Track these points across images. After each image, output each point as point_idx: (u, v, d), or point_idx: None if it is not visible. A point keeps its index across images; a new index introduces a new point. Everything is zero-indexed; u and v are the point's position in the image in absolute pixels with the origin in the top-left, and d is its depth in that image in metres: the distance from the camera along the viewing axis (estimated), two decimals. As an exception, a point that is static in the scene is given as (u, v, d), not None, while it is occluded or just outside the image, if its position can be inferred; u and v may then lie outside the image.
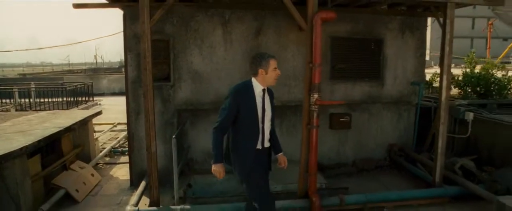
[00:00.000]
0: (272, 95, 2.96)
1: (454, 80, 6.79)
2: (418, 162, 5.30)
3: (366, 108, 5.56)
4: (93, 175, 5.16)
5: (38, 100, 11.19)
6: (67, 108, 10.42)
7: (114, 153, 6.65)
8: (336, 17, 3.83)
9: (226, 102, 2.79)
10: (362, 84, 5.44)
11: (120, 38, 4.91)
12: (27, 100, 11.19)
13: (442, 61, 4.30)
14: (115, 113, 11.03)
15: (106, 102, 14.46)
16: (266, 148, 2.98)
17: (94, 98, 13.60)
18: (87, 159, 5.68)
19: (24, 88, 12.08)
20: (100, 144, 6.98)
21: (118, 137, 7.92)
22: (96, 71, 31.17)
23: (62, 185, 4.42)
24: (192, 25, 4.87)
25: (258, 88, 2.83)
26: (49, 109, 9.62)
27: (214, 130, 2.79)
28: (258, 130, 2.84)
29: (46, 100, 10.69)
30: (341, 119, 5.36)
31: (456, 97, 6.84)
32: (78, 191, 4.53)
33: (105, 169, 5.87)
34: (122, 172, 5.67)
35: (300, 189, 4.02)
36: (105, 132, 8.58)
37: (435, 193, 4.38)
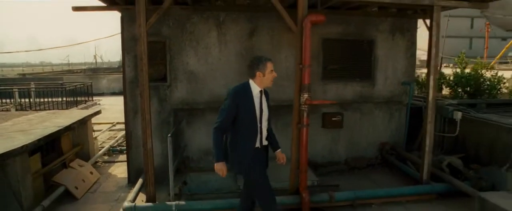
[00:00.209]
0: (268, 96, 3.12)
1: (446, 80, 6.93)
2: (408, 161, 5.44)
3: (358, 107, 5.71)
4: (92, 173, 5.31)
5: (38, 100, 11.34)
6: (67, 108, 10.57)
7: (113, 151, 6.79)
8: (325, 20, 3.96)
9: (225, 103, 2.93)
10: (354, 84, 5.59)
11: (119, 38, 5.05)
12: (27, 100, 11.34)
13: (429, 62, 4.44)
14: (114, 113, 11.17)
15: (105, 102, 14.61)
16: (264, 146, 3.13)
17: (94, 98, 13.75)
18: (86, 157, 5.82)
19: (24, 88, 12.23)
20: (99, 143, 7.12)
21: (116, 136, 8.07)
22: (95, 71, 31.29)
23: (61, 182, 4.57)
24: (188, 27, 5.01)
25: (255, 89, 2.98)
26: (48, 109, 9.76)
27: (214, 130, 2.92)
28: (257, 130, 2.99)
29: (46, 100, 10.84)
30: (333, 118, 5.50)
31: (447, 97, 6.99)
32: (77, 188, 4.68)
33: (103, 167, 6.02)
34: (120, 170, 5.82)
35: (291, 185, 4.17)
36: (104, 131, 8.73)
37: (422, 190, 4.53)
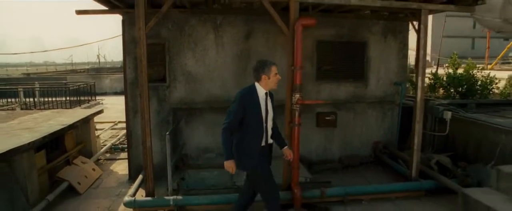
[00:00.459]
0: (272, 97, 3.32)
1: (439, 80, 7.09)
2: (400, 159, 5.61)
3: (351, 107, 5.88)
4: (94, 169, 5.52)
5: (42, 99, 11.60)
6: (70, 107, 10.81)
7: (114, 149, 7.02)
8: (316, 23, 4.15)
9: (233, 105, 3.12)
10: (347, 84, 5.77)
11: (121, 39, 5.26)
12: (32, 99, 11.60)
13: (418, 64, 4.62)
14: (116, 112, 11.40)
15: (108, 102, 14.86)
16: (269, 144, 3.33)
17: (97, 98, 13.99)
18: (89, 155, 6.04)
19: (28, 87, 12.49)
20: (101, 141, 7.35)
21: (118, 135, 8.29)
22: (99, 71, 31.56)
23: (65, 178, 4.79)
24: (186, 30, 5.21)
25: (261, 92, 3.18)
26: (52, 108, 10.01)
27: (223, 131, 3.11)
28: (263, 129, 3.19)
29: (50, 99, 11.09)
30: (327, 117, 5.69)
31: (441, 97, 7.14)
32: (80, 183, 4.89)
33: (105, 164, 6.24)
34: (121, 167, 6.03)
35: (283, 181, 4.36)
36: (106, 130, 8.96)
37: (411, 187, 4.70)
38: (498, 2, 5.16)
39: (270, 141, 3.32)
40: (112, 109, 12.32)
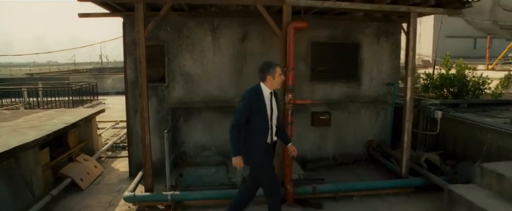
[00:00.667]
0: (277, 96, 3.51)
1: (432, 81, 7.24)
2: (392, 157, 5.78)
3: (345, 107, 6.05)
4: (96, 166, 5.72)
5: (45, 99, 11.84)
6: (73, 106, 11.04)
7: (116, 148, 7.22)
8: (310, 25, 4.35)
9: (240, 104, 3.33)
10: (341, 85, 5.94)
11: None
12: (35, 99, 11.84)
13: (407, 65, 4.78)
14: (118, 112, 11.59)
15: (110, 101, 15.07)
16: (274, 142, 3.52)
17: (99, 97, 14.22)
18: (91, 152, 6.25)
19: (32, 87, 12.74)
20: (103, 139, 7.56)
21: (119, 134, 8.50)
22: (101, 71, 31.82)
23: (68, 174, 4.99)
24: (184, 32, 5.40)
25: (266, 91, 3.37)
26: (56, 107, 10.24)
27: (231, 129, 3.29)
28: (268, 127, 3.37)
29: (53, 99, 11.33)
30: (321, 117, 5.86)
31: (434, 97, 7.29)
32: (82, 180, 5.09)
33: (107, 162, 6.45)
34: (122, 164, 6.23)
35: (277, 178, 4.53)
36: (107, 129, 9.17)
37: (401, 184, 4.87)
38: (487, 5, 5.33)
39: (275, 138, 3.51)
40: (113, 109, 12.52)
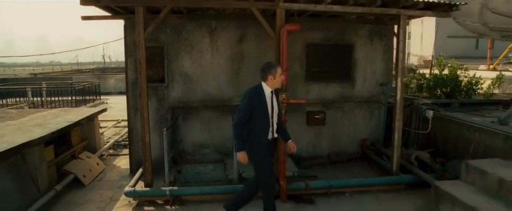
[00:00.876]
0: (277, 95, 3.73)
1: (426, 80, 7.40)
2: (385, 155, 5.94)
3: (339, 106, 6.23)
4: (98, 164, 5.93)
5: (49, 98, 12.08)
6: (76, 106, 11.27)
7: (117, 146, 7.43)
8: (303, 28, 4.54)
9: (243, 103, 3.54)
10: (335, 85, 6.12)
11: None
12: (39, 98, 12.09)
13: (397, 66, 4.95)
14: (120, 111, 11.79)
15: (112, 101, 15.28)
16: (274, 138, 3.73)
17: (101, 97, 14.45)
18: (93, 150, 6.46)
19: (36, 87, 12.99)
20: (105, 138, 7.77)
21: (121, 132, 8.71)
22: (103, 71, 32.09)
23: (71, 171, 5.20)
24: (183, 34, 5.60)
25: (267, 90, 3.59)
26: (59, 107, 10.47)
27: (234, 126, 3.54)
28: (269, 124, 3.58)
29: (56, 98, 11.57)
30: (316, 116, 6.05)
31: (428, 96, 7.44)
32: (85, 176, 5.30)
33: (109, 159, 6.66)
34: (123, 162, 6.43)
35: (271, 174, 4.71)
36: (109, 128, 9.37)
37: (391, 181, 5.04)
38: (476, 8, 5.50)
39: (276, 135, 3.71)
40: (115, 108, 12.74)
